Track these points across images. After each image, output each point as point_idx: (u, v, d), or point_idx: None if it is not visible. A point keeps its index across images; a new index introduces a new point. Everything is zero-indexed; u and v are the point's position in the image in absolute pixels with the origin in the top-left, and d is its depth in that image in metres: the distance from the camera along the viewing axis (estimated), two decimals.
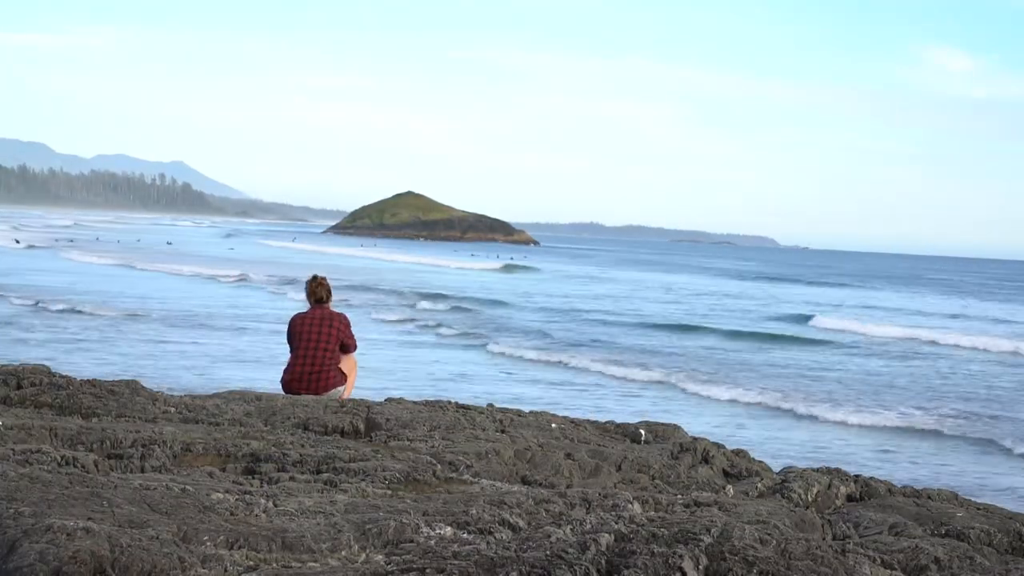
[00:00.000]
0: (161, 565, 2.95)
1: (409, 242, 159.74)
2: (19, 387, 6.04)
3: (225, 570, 3.03)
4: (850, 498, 5.44)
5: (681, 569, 3.18)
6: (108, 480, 3.88)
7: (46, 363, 6.94)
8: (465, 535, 3.51)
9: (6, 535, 3.03)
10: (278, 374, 8.85)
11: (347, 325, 8.75)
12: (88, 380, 6.34)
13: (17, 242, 74.98)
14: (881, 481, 5.73)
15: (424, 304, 39.67)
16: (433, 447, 5.34)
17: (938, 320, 48.21)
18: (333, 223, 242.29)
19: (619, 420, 7.29)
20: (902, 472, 14.13)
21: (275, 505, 3.73)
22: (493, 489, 4.44)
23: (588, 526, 3.59)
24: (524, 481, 5.13)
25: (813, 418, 19.05)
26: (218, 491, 3.84)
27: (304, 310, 8.90)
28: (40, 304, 30.15)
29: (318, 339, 8.54)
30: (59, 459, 4.27)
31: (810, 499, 5.26)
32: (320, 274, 9.08)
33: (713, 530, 3.52)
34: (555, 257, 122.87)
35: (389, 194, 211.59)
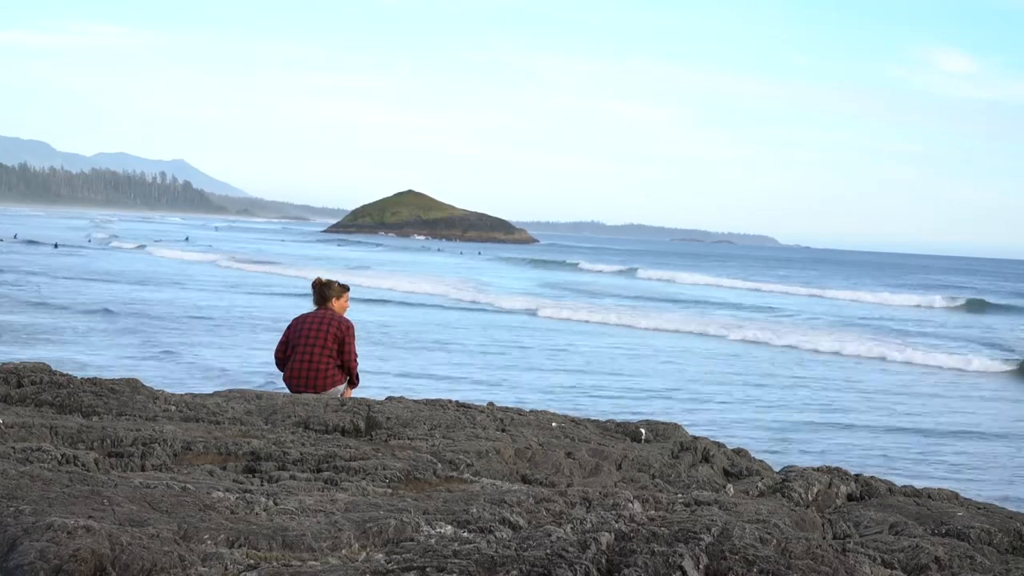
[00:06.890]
0: (161, 563, 2.94)
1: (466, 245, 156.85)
2: (20, 385, 6.04)
3: (225, 568, 3.03)
4: (850, 497, 5.44)
5: (681, 568, 3.18)
6: (108, 478, 3.88)
7: None
8: (465, 534, 3.51)
9: (7, 533, 3.03)
10: None
11: (348, 328, 8.71)
12: (89, 379, 6.34)
13: (216, 229, 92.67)
14: (882, 480, 5.74)
15: None
16: (433, 446, 5.34)
17: None
18: (334, 221, 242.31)
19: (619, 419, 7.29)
20: None
21: (275, 503, 3.72)
22: (493, 488, 4.44)
23: (588, 525, 3.59)
24: (524, 480, 5.13)
25: None
26: (218, 489, 3.84)
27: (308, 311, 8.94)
28: None
29: (315, 338, 8.56)
30: (59, 457, 4.27)
31: (810, 498, 5.26)
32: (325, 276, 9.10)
33: (713, 529, 3.52)
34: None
35: (390, 192, 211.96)
